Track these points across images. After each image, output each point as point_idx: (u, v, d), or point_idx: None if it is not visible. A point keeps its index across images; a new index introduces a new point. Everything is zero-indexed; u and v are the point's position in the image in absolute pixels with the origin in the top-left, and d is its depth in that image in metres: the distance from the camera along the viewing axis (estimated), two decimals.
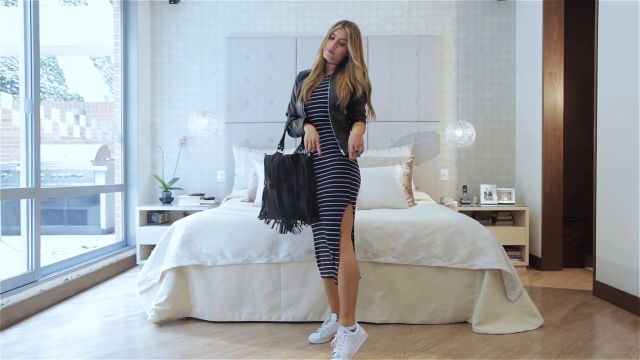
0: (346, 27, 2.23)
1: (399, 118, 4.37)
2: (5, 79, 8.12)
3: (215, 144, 4.53)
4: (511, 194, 4.24)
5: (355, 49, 2.23)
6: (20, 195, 2.85)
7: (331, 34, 2.25)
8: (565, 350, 2.23)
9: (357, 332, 2.09)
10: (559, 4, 3.89)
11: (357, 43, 2.24)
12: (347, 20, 2.29)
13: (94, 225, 6.07)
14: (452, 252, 2.58)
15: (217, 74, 4.53)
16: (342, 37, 2.22)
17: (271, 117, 4.39)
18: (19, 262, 2.89)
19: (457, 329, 2.51)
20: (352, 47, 2.22)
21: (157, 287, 2.66)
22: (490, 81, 4.50)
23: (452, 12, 4.48)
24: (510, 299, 2.54)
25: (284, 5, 4.50)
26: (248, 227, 2.67)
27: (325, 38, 2.28)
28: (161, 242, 2.76)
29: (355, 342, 2.08)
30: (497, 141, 4.50)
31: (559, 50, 3.91)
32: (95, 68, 9.92)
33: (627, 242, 2.86)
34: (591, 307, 2.92)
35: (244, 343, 2.33)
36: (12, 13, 6.72)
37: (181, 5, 4.52)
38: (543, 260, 3.95)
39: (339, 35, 2.23)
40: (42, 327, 2.54)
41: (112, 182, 5.56)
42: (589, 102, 3.71)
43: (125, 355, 2.18)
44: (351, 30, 2.22)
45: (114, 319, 2.69)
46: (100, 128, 4.20)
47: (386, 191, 3.42)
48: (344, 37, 2.22)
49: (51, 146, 6.44)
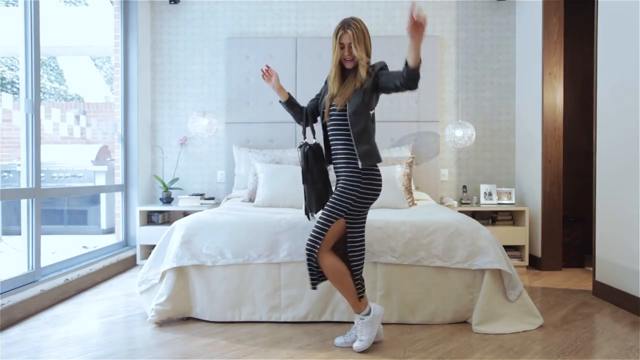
0: (348, 29, 2.21)
1: (399, 118, 4.37)
2: (6, 79, 8.13)
3: (215, 144, 4.54)
4: (511, 194, 4.24)
5: (360, 49, 2.21)
6: (21, 195, 2.85)
7: (340, 44, 2.24)
8: (565, 350, 2.23)
9: (371, 315, 2.22)
10: (559, 4, 3.89)
11: (360, 40, 2.22)
12: (345, 20, 2.26)
13: (94, 225, 6.07)
14: (452, 252, 2.58)
15: (217, 74, 4.53)
16: (349, 41, 2.21)
17: (271, 117, 4.39)
18: (20, 262, 2.90)
19: (457, 329, 2.51)
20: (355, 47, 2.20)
21: (157, 287, 2.67)
22: (490, 81, 4.50)
23: (452, 12, 4.49)
24: (510, 299, 2.54)
25: (284, 5, 4.51)
26: (248, 227, 2.67)
27: (334, 48, 2.25)
28: (161, 242, 2.76)
29: (374, 324, 2.22)
30: (497, 141, 4.50)
31: (559, 51, 3.91)
32: (95, 68, 9.92)
33: (627, 242, 2.86)
34: (591, 307, 2.93)
35: (244, 343, 2.33)
36: (12, 13, 6.72)
37: (181, 5, 4.52)
38: (543, 260, 3.95)
39: (346, 41, 2.22)
40: (42, 327, 2.54)
41: (112, 182, 5.56)
42: (589, 102, 3.71)
43: (126, 355, 2.18)
44: (352, 31, 2.21)
45: (114, 319, 2.69)
46: (101, 128, 4.20)
47: (386, 191, 3.40)
48: (350, 40, 2.21)
49: (51, 146, 6.45)
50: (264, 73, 2.48)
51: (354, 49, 2.21)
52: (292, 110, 2.51)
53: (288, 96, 2.49)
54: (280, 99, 2.50)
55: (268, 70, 2.48)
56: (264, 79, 2.49)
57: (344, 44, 2.23)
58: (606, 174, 3.09)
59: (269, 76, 2.48)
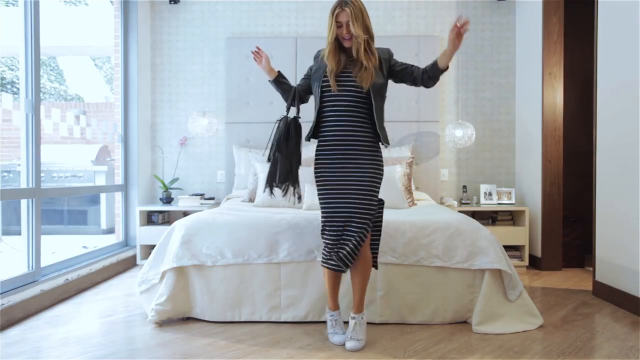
0: (345, 7, 2.18)
1: (399, 118, 4.37)
2: (6, 79, 8.13)
3: (215, 144, 4.54)
4: (511, 194, 4.24)
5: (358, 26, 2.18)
6: (21, 195, 2.85)
7: (337, 22, 2.21)
8: (565, 350, 2.23)
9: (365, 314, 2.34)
10: (559, 4, 3.89)
11: (358, 17, 2.19)
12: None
13: (94, 225, 6.08)
14: (452, 252, 2.58)
15: (217, 74, 4.53)
16: (347, 19, 2.19)
17: (271, 117, 4.37)
18: (20, 262, 2.90)
19: (457, 329, 2.51)
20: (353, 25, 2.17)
21: (157, 287, 2.66)
22: (490, 81, 4.50)
23: (452, 12, 4.49)
24: (510, 298, 2.54)
25: (284, 5, 4.51)
26: (248, 227, 2.67)
27: (331, 26, 2.22)
28: (161, 242, 2.76)
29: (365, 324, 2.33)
30: (497, 141, 4.50)
31: (559, 51, 3.91)
32: (95, 68, 9.92)
33: (627, 242, 2.86)
34: (591, 307, 2.93)
35: (244, 343, 2.33)
36: (12, 13, 6.72)
37: (181, 5, 4.52)
38: (543, 260, 3.95)
39: (344, 19, 2.19)
40: (42, 327, 2.54)
41: (112, 182, 5.56)
42: (589, 102, 3.71)
43: (126, 355, 2.18)
44: (350, 9, 2.17)
45: (114, 319, 2.69)
46: (101, 128, 4.21)
47: (386, 191, 3.40)
48: (348, 18, 2.18)
49: (51, 146, 6.45)
50: (255, 54, 2.48)
51: (352, 27, 2.18)
52: (280, 88, 2.47)
53: (277, 74, 2.46)
54: (269, 78, 2.48)
55: (259, 52, 2.47)
56: (255, 60, 2.49)
57: (341, 22, 2.21)
58: (606, 174, 3.09)
59: (259, 58, 2.47)
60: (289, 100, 2.44)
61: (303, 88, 2.46)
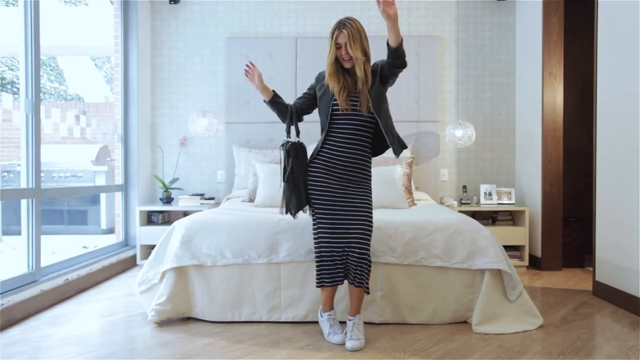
0: (343, 29, 2.24)
1: (399, 118, 4.36)
2: (6, 79, 8.13)
3: (215, 144, 4.54)
4: (511, 194, 4.24)
5: (356, 48, 2.23)
6: (21, 195, 2.85)
7: (336, 44, 2.27)
8: (565, 350, 2.23)
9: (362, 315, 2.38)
10: (559, 4, 3.89)
11: (356, 38, 2.25)
12: (340, 20, 2.29)
13: (94, 226, 6.08)
14: (452, 252, 2.58)
15: (217, 74, 4.53)
16: (345, 41, 2.24)
17: (271, 117, 4.30)
18: (20, 262, 2.90)
19: (457, 329, 2.51)
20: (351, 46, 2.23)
21: (157, 287, 2.66)
22: (490, 81, 4.50)
23: (452, 12, 4.49)
24: (510, 298, 2.54)
25: (284, 6, 4.51)
26: (248, 227, 2.67)
27: (331, 49, 2.28)
28: (161, 242, 2.76)
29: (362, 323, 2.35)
30: (497, 141, 4.51)
31: (559, 51, 3.91)
32: (95, 68, 9.92)
33: (627, 242, 2.86)
34: (591, 307, 2.93)
35: (244, 343, 2.33)
36: (12, 13, 6.73)
37: (181, 5, 4.52)
38: (543, 260, 3.95)
39: (343, 40, 2.25)
40: (42, 327, 2.54)
41: (112, 182, 5.57)
42: (589, 102, 3.70)
43: (126, 355, 2.18)
44: (348, 31, 2.23)
45: (114, 319, 2.69)
46: (101, 128, 4.22)
47: (386, 191, 3.42)
48: (346, 40, 2.23)
49: (51, 146, 6.45)
50: (247, 71, 2.45)
51: (350, 49, 2.23)
52: (276, 109, 2.47)
53: (272, 94, 2.45)
54: (264, 98, 2.47)
55: (252, 68, 2.44)
56: (247, 77, 2.47)
57: (340, 44, 2.26)
58: (606, 174, 3.09)
59: (252, 75, 2.44)
60: (287, 121, 2.45)
61: (302, 107, 2.48)
